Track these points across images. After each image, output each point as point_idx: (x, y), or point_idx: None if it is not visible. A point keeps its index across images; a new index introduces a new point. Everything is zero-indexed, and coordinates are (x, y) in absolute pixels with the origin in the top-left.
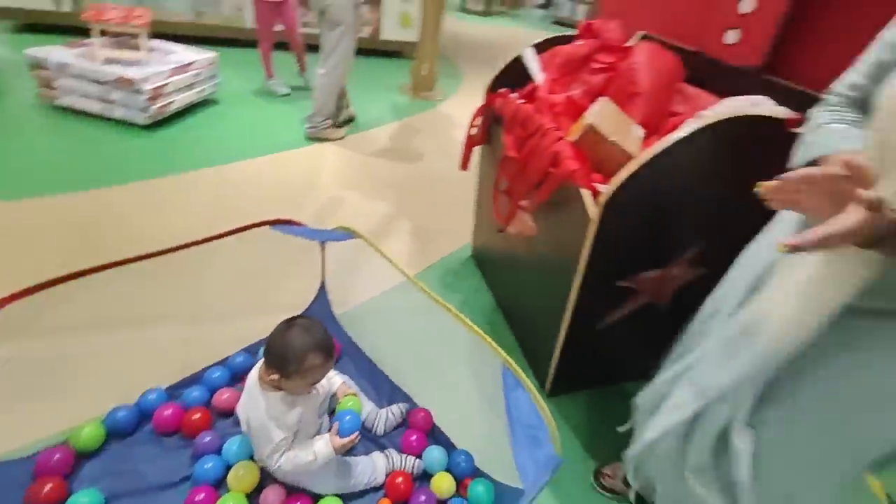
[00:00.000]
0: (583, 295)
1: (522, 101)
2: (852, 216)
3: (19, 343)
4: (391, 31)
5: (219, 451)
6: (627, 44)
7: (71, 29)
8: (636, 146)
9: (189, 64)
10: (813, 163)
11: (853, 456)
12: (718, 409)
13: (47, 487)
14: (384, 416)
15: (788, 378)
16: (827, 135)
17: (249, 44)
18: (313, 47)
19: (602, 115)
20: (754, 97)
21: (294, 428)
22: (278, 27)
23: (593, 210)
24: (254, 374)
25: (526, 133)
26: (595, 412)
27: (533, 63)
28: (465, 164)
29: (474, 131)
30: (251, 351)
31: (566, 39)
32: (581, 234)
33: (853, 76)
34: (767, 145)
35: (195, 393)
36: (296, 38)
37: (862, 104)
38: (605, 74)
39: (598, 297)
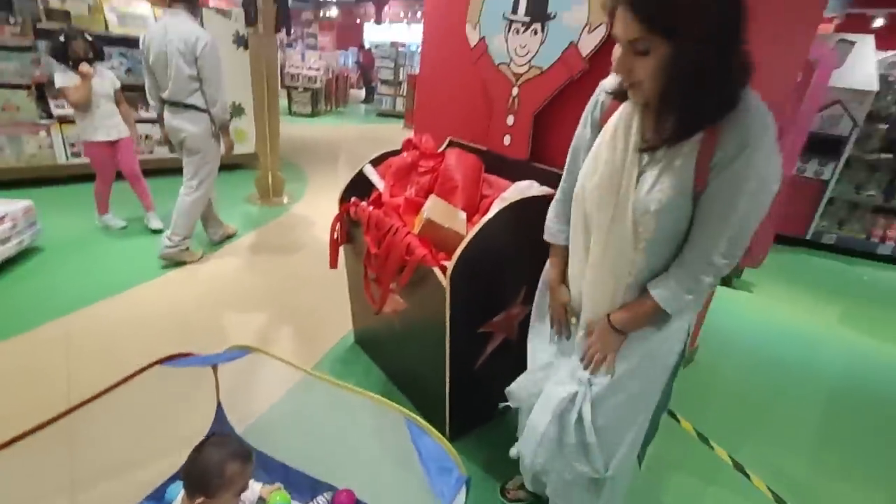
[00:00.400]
0: (454, 346)
1: (372, 206)
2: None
3: None
4: None
5: None
6: (441, 149)
7: None
8: (463, 227)
9: (1, 217)
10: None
11: (645, 400)
12: (565, 390)
13: None
14: None
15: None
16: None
17: (65, 180)
18: (165, 171)
19: (434, 208)
20: (527, 181)
21: None
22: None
23: (444, 281)
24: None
25: (381, 233)
26: (491, 442)
27: (373, 175)
28: (333, 264)
29: (336, 235)
30: (156, 497)
31: (395, 153)
32: (441, 300)
33: (562, 182)
34: (540, 212)
35: None
36: (136, 179)
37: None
38: (430, 176)
39: (467, 345)
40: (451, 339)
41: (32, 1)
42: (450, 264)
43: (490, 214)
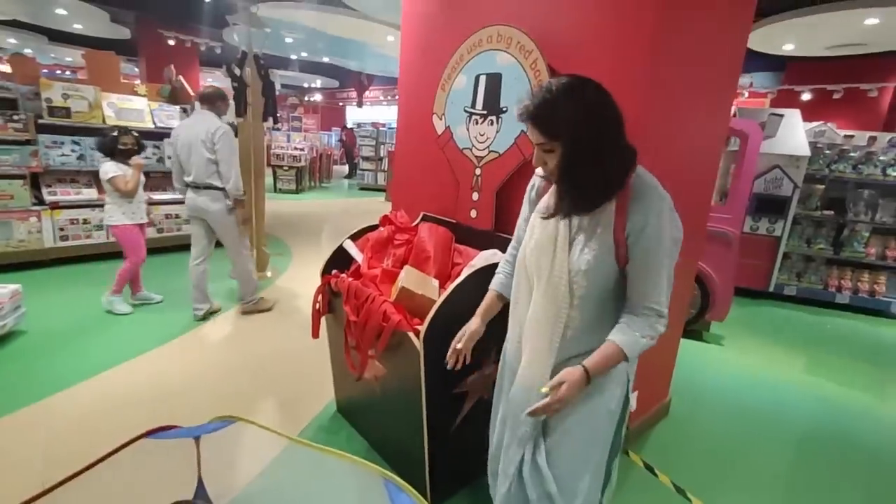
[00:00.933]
0: (430, 407)
1: (351, 278)
2: (557, 397)
3: None
4: None
5: None
6: (415, 223)
7: None
8: (436, 293)
9: None
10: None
11: (594, 445)
12: (521, 449)
13: None
14: None
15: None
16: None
17: (50, 263)
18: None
19: (408, 277)
20: (492, 250)
21: None
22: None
23: (418, 344)
24: None
25: (359, 301)
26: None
27: (353, 249)
28: (315, 333)
29: (318, 306)
30: None
31: (373, 228)
32: (416, 363)
33: (510, 248)
34: None
35: None
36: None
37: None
38: (405, 247)
39: (443, 406)
40: (427, 400)
41: (36, 100)
42: (422, 328)
43: (458, 280)
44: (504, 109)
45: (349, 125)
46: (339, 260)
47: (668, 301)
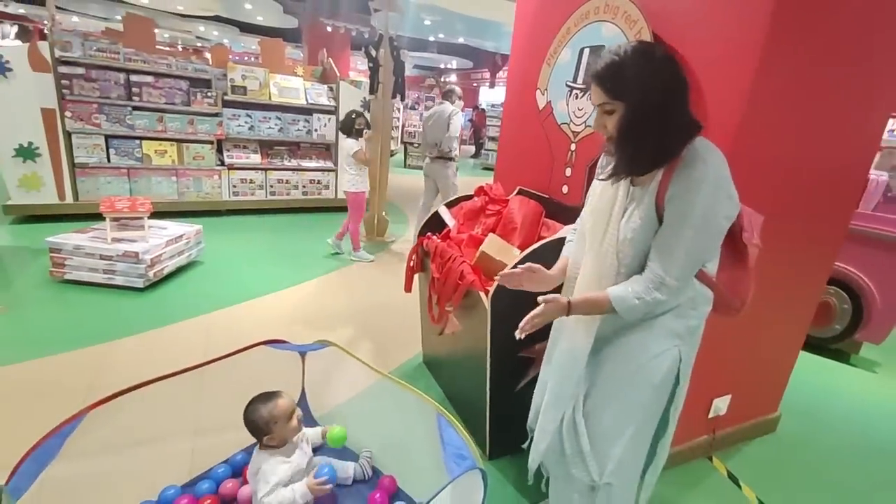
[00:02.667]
0: (494, 366)
1: (441, 240)
2: (537, 308)
3: (75, 457)
4: None
5: None
6: (508, 197)
7: (67, 216)
8: (513, 260)
9: (180, 236)
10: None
11: (632, 415)
12: (562, 408)
13: None
14: (360, 468)
15: (587, 378)
16: (565, 246)
17: (224, 213)
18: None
19: (490, 244)
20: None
21: (285, 477)
22: None
23: (487, 302)
24: (255, 451)
25: (443, 260)
26: (526, 465)
27: (446, 215)
28: (408, 288)
29: (412, 263)
30: (248, 451)
31: (468, 198)
32: (485, 322)
33: (581, 215)
34: None
35: (205, 485)
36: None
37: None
38: (495, 217)
39: (508, 368)
40: (492, 358)
41: (223, 80)
42: (492, 288)
43: (532, 247)
44: None
45: (481, 106)
46: (436, 224)
47: (682, 273)
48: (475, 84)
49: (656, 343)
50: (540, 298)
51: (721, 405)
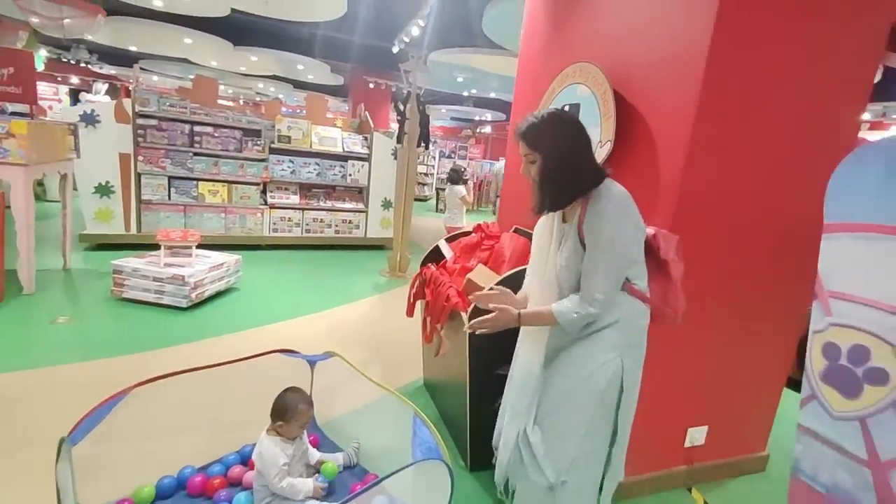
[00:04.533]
0: (474, 384)
1: (437, 270)
2: (490, 315)
3: (105, 438)
4: (374, 231)
5: (228, 502)
6: (503, 234)
7: (130, 245)
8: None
9: (221, 264)
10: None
11: (580, 419)
12: (520, 422)
13: None
14: (348, 455)
15: (541, 389)
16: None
17: (264, 247)
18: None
19: (477, 273)
20: None
21: (288, 460)
22: None
23: (466, 318)
24: (262, 434)
25: (436, 286)
26: None
27: (444, 248)
28: (409, 312)
29: (413, 290)
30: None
31: (467, 234)
32: (464, 341)
33: None
34: None
35: (216, 468)
36: None
37: None
38: (489, 251)
39: (486, 385)
40: (471, 376)
41: (271, 130)
42: (470, 308)
43: (505, 274)
44: None
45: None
46: (436, 257)
47: (606, 288)
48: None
49: (602, 354)
50: (492, 305)
51: (697, 435)
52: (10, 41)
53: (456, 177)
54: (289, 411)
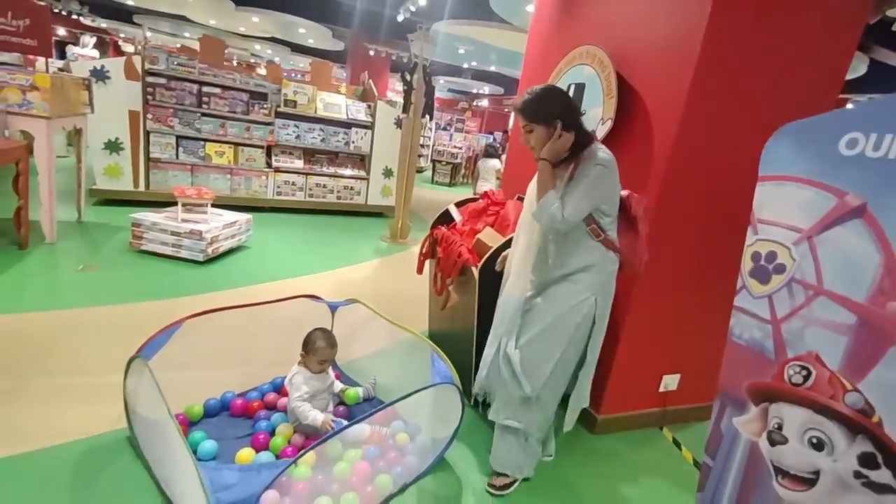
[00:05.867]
0: (480, 322)
1: (447, 231)
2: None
3: (165, 367)
4: (375, 199)
5: (267, 420)
6: (507, 201)
7: (138, 202)
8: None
9: (234, 222)
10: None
11: (556, 344)
12: (499, 340)
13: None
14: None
15: (525, 317)
16: None
17: (267, 209)
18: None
19: (486, 233)
20: None
21: (309, 389)
22: None
23: (476, 273)
24: (294, 366)
25: (447, 244)
26: None
27: (454, 211)
28: (419, 270)
29: (423, 249)
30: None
31: (474, 200)
32: (474, 290)
33: None
34: None
35: (254, 394)
36: None
37: None
38: (494, 216)
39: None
40: (478, 316)
41: (277, 95)
42: (479, 263)
43: (509, 236)
44: (583, 112)
45: (510, 130)
46: (445, 220)
47: (572, 212)
48: (506, 110)
49: (579, 294)
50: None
51: (670, 382)
52: None
53: (493, 151)
54: (309, 344)
